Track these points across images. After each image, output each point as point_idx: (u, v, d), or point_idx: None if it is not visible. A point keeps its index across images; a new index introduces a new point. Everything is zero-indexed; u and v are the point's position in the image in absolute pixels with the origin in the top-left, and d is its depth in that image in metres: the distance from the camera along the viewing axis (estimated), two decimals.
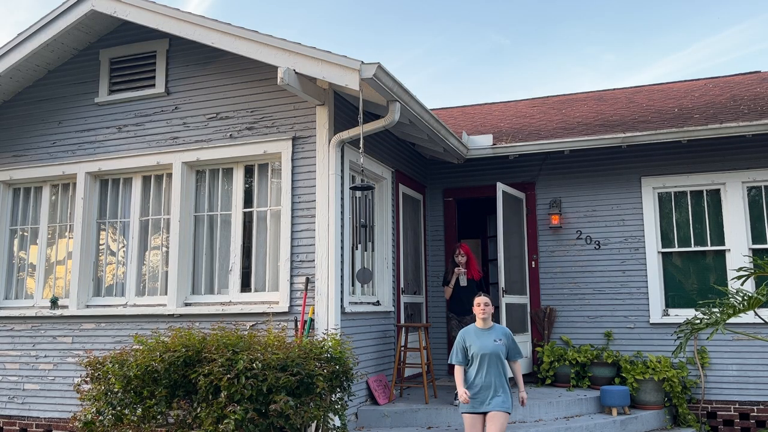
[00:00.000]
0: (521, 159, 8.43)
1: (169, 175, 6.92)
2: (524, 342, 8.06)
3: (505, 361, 5.01)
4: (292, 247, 6.16)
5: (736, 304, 4.48)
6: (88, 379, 5.34)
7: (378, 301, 7.13)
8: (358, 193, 6.68)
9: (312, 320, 5.89)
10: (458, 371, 5.01)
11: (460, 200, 9.06)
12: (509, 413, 4.89)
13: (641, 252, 7.86)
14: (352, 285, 6.59)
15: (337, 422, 5.41)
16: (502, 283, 7.64)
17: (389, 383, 6.87)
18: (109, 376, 5.10)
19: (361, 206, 6.71)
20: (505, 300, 7.65)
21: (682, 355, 7.40)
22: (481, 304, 5.08)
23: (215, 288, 6.62)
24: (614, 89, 11.49)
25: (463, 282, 7.13)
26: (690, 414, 7.03)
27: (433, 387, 6.97)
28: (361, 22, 48.52)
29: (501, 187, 7.88)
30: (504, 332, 5.09)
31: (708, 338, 5.61)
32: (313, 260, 6.04)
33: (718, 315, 4.54)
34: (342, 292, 6.09)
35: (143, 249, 6.99)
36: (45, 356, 7.00)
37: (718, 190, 7.75)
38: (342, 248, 6.13)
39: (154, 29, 6.63)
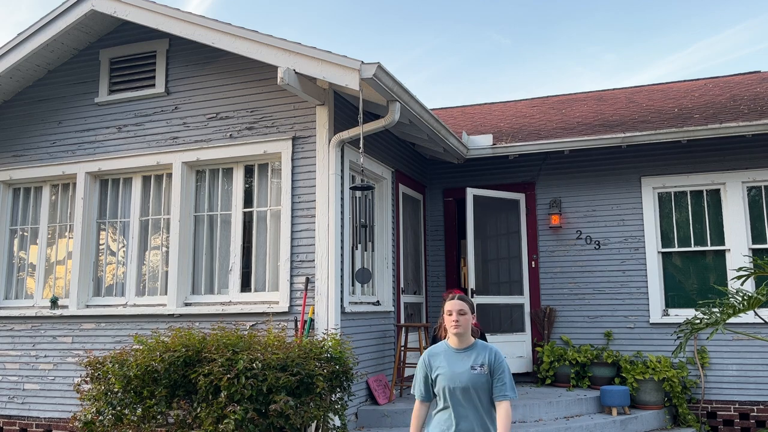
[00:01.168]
0: (521, 159, 8.44)
1: (169, 175, 6.92)
2: (522, 342, 8.07)
3: (489, 398, 3.34)
4: (292, 247, 6.16)
5: (736, 304, 4.49)
6: (88, 379, 5.34)
7: (378, 301, 7.13)
8: (358, 193, 6.68)
9: (312, 320, 5.89)
10: (417, 411, 3.46)
11: (460, 200, 9.05)
12: None
13: (641, 252, 7.86)
14: (352, 285, 6.59)
15: (337, 422, 5.41)
16: (471, 284, 7.70)
17: (389, 383, 6.88)
18: (109, 376, 5.10)
19: (361, 206, 6.71)
20: (476, 301, 7.71)
21: (682, 355, 7.40)
22: (453, 312, 3.40)
23: (215, 288, 6.62)
24: (614, 89, 11.49)
25: None
26: (690, 414, 7.03)
27: None
28: (361, 22, 48.51)
29: (472, 192, 7.98)
30: (489, 355, 3.36)
31: (708, 338, 5.62)
32: (313, 260, 6.04)
33: (718, 315, 4.54)
34: (342, 292, 6.09)
35: (143, 249, 6.99)
36: (45, 356, 7.00)
37: (718, 190, 7.75)
38: (342, 248, 6.13)
39: (154, 29, 6.63)
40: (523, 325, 8.18)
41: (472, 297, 7.68)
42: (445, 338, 4.46)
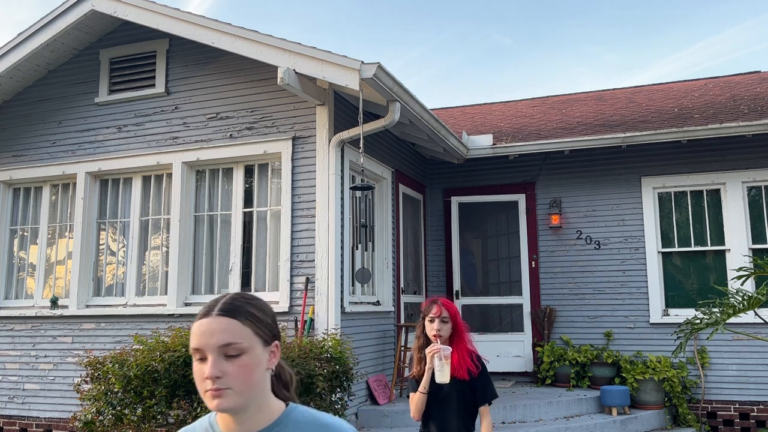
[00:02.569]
0: (521, 159, 8.43)
1: (169, 175, 6.92)
2: (522, 342, 8.07)
3: None
4: (292, 247, 6.15)
5: (736, 304, 4.48)
6: (88, 379, 5.34)
7: (378, 301, 7.12)
8: (358, 193, 6.68)
9: (312, 320, 5.89)
10: None
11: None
12: None
13: (641, 252, 7.85)
14: (352, 285, 6.59)
15: None
16: (457, 286, 7.74)
17: (389, 383, 6.87)
18: (109, 376, 5.10)
19: (361, 206, 6.71)
20: (471, 301, 7.75)
21: (682, 355, 7.39)
22: (206, 351, 1.34)
23: (215, 288, 6.61)
24: (614, 89, 11.49)
25: (443, 378, 3.18)
26: (690, 414, 7.03)
27: None
28: (362, 21, 48.50)
29: (457, 200, 8.04)
30: None
31: (708, 338, 5.61)
32: (313, 260, 6.04)
33: (718, 315, 4.54)
34: (342, 292, 6.09)
35: (143, 249, 6.99)
36: (45, 356, 7.00)
37: (718, 190, 7.74)
38: (342, 248, 6.12)
39: (154, 29, 6.63)
40: (523, 325, 8.18)
41: (456, 299, 7.71)
42: (425, 378, 3.16)
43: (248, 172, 6.67)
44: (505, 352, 7.93)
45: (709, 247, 7.68)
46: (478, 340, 7.90)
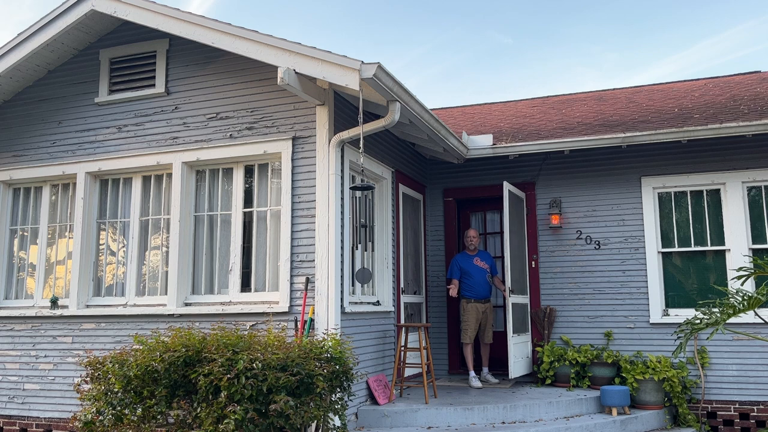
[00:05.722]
0: (521, 159, 8.44)
1: (169, 175, 6.92)
2: (525, 342, 8.07)
3: None
4: (292, 247, 6.16)
5: (736, 304, 4.49)
6: (88, 379, 5.34)
7: (378, 301, 7.13)
8: (358, 193, 6.68)
9: (312, 320, 5.89)
10: None
11: (460, 200, 9.06)
12: None
13: (641, 252, 7.86)
14: (352, 285, 6.59)
15: (337, 422, 5.42)
16: (508, 283, 7.66)
17: (389, 383, 6.88)
18: (109, 376, 5.10)
19: (361, 206, 6.71)
20: (512, 300, 7.68)
21: (682, 355, 7.40)
22: None
23: (215, 288, 6.62)
24: (614, 89, 11.49)
25: None
26: (690, 414, 7.03)
27: (433, 387, 6.97)
28: (363, 21, 48.53)
29: (507, 187, 7.90)
30: None
31: (708, 338, 5.62)
32: (313, 260, 6.04)
33: (718, 315, 4.54)
34: (342, 292, 6.09)
35: (143, 249, 7.00)
36: (45, 356, 7.00)
37: (718, 190, 7.74)
38: (342, 248, 6.13)
39: (154, 29, 6.63)
40: (525, 325, 8.17)
41: (509, 296, 7.65)
42: None
43: (248, 172, 6.67)
44: (515, 354, 7.92)
45: (709, 247, 7.68)
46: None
